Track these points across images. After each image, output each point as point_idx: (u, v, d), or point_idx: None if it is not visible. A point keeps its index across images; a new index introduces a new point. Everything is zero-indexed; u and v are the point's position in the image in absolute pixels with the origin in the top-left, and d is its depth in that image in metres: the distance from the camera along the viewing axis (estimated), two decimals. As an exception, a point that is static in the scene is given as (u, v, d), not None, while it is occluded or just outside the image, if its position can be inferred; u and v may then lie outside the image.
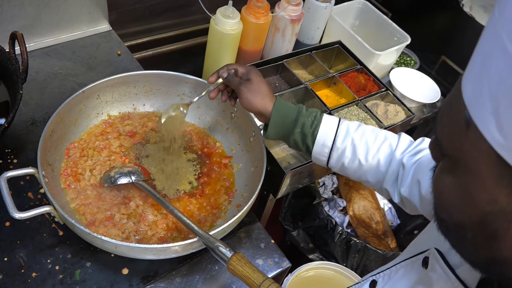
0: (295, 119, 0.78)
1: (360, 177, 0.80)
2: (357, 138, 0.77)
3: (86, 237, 0.72)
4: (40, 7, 1.03)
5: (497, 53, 0.30)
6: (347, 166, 0.78)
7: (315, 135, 0.78)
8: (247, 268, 0.65)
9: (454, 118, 0.34)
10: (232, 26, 1.05)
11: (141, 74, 0.95)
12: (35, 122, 0.97)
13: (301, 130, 0.78)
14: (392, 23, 1.34)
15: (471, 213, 0.34)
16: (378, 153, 0.76)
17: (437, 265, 0.48)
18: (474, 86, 0.32)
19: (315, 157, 0.80)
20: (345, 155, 0.78)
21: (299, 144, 0.80)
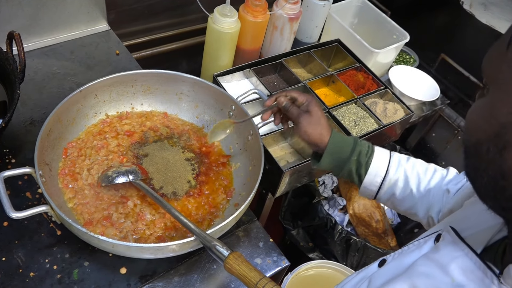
0: (353, 148, 0.80)
1: (410, 209, 0.81)
2: (409, 169, 0.80)
3: (83, 236, 0.72)
4: (38, 7, 1.03)
5: None
6: (398, 197, 0.80)
7: (369, 165, 0.79)
8: (243, 267, 0.65)
9: (499, 45, 0.40)
10: (230, 24, 1.05)
11: (138, 74, 0.95)
12: (33, 122, 0.97)
13: (357, 159, 0.79)
14: (391, 21, 1.33)
15: (489, 128, 0.39)
16: (430, 184, 0.78)
17: (447, 235, 0.51)
18: None
19: (365, 187, 0.81)
20: (397, 185, 0.79)
21: (352, 173, 0.80)
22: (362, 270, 0.61)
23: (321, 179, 1.47)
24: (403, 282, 0.50)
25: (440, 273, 0.47)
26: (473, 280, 0.45)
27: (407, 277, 0.50)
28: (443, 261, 0.48)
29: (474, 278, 0.45)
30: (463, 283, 0.45)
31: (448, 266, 0.47)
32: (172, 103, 1.00)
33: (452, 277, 0.46)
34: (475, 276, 0.45)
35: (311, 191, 1.33)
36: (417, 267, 0.50)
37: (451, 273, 0.46)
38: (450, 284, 0.46)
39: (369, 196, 0.83)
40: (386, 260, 0.58)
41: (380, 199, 0.83)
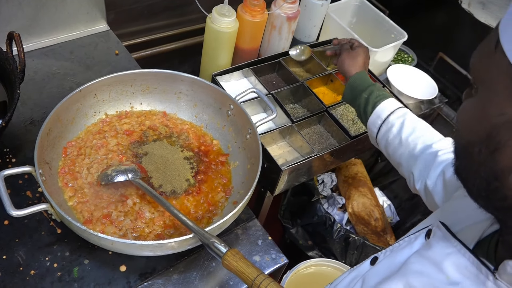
0: (367, 86, 0.91)
1: (396, 159, 0.87)
2: (408, 121, 0.85)
3: (83, 234, 0.73)
4: (38, 8, 1.04)
5: None
6: (389, 141, 0.87)
7: (375, 106, 0.89)
8: (241, 263, 0.66)
9: (486, 45, 0.40)
10: (228, 24, 1.05)
11: (137, 73, 0.96)
12: (33, 122, 0.98)
13: (367, 97, 0.90)
14: (389, 20, 1.34)
15: (480, 129, 0.39)
16: (419, 139, 0.83)
17: (438, 231, 0.51)
18: (508, 16, 0.38)
19: (369, 127, 0.91)
20: (391, 130, 0.86)
21: (361, 109, 0.92)
22: (354, 269, 0.61)
23: (320, 178, 1.47)
24: (398, 281, 0.49)
25: (435, 270, 0.47)
26: (468, 277, 0.45)
27: (401, 275, 0.50)
28: (437, 258, 0.48)
29: (469, 275, 0.45)
30: (458, 280, 0.45)
31: (442, 264, 0.47)
32: (171, 102, 1.01)
33: (447, 274, 0.46)
34: (469, 273, 0.45)
35: (310, 189, 1.33)
36: (410, 265, 0.50)
37: (445, 270, 0.46)
38: (445, 281, 0.46)
39: (372, 137, 0.92)
40: (378, 257, 0.58)
41: (379, 144, 0.90)
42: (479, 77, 0.41)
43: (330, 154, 1.05)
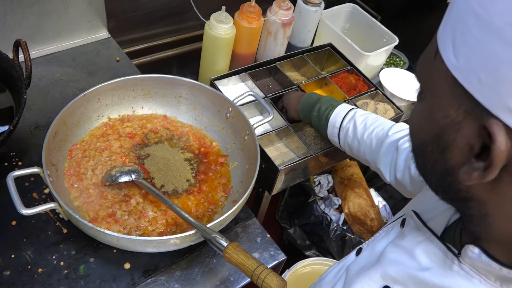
0: (313, 105, 0.99)
1: (362, 157, 0.91)
2: (359, 121, 0.91)
3: (90, 231, 0.76)
4: (42, 16, 1.08)
5: None
6: (351, 145, 0.92)
7: (328, 119, 0.95)
8: (242, 255, 0.69)
9: (428, 52, 0.42)
10: (225, 30, 1.09)
11: (139, 78, 0.99)
12: (38, 126, 1.01)
13: (317, 114, 0.97)
14: (380, 26, 1.38)
15: (430, 130, 0.42)
16: (372, 134, 0.88)
17: (411, 221, 0.54)
18: (443, 24, 0.40)
19: (330, 138, 0.97)
20: (348, 135, 0.92)
21: (318, 127, 0.99)
22: (341, 261, 0.65)
23: (316, 179, 1.51)
24: (376, 270, 0.53)
25: (408, 258, 0.50)
26: (436, 262, 0.47)
27: (379, 265, 0.53)
28: (409, 246, 0.51)
29: (437, 260, 0.47)
30: (428, 266, 0.48)
31: (414, 251, 0.50)
32: (171, 106, 1.04)
33: (418, 261, 0.49)
34: (438, 258, 0.48)
35: (307, 190, 1.37)
36: (387, 255, 0.53)
37: (417, 257, 0.49)
38: (417, 268, 0.49)
39: (337, 145, 0.98)
40: (362, 248, 0.62)
41: (344, 149, 0.96)
42: (424, 83, 0.43)
43: (325, 154, 1.09)
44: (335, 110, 0.95)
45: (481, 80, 0.35)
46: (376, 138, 0.87)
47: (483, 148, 0.38)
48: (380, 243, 0.58)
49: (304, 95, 1.05)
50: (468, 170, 0.38)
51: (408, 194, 0.84)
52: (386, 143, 0.85)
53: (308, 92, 1.04)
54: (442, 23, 0.41)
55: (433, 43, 0.42)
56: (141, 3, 1.23)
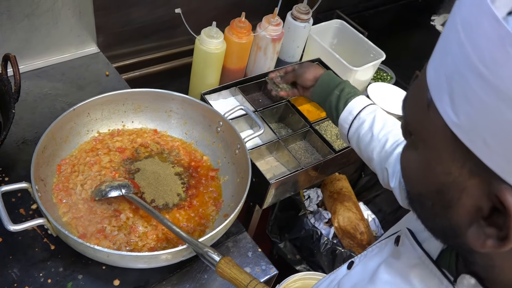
0: (338, 83, 0.93)
1: (368, 154, 0.87)
2: (379, 116, 0.87)
3: (79, 247, 0.74)
4: (31, 31, 1.07)
5: (453, 42, 0.34)
6: (361, 137, 0.87)
7: (347, 103, 0.90)
8: (234, 270, 0.68)
9: (419, 99, 0.38)
10: (216, 45, 1.10)
11: (129, 92, 0.99)
12: (26, 141, 1.00)
13: (339, 94, 0.91)
14: (368, 41, 1.41)
15: (429, 184, 0.38)
16: (389, 134, 0.84)
17: (406, 240, 0.52)
18: (435, 70, 0.36)
19: (340, 124, 0.91)
20: (363, 126, 0.87)
21: (332, 106, 0.92)
22: (332, 273, 0.63)
23: (306, 193, 1.51)
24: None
25: (402, 281, 0.48)
26: None
27: (372, 285, 0.51)
28: (404, 269, 0.49)
29: (431, 286, 0.46)
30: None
31: (408, 275, 0.48)
32: (161, 120, 1.04)
33: (413, 285, 0.47)
34: (432, 284, 0.46)
35: (297, 204, 1.37)
36: (380, 275, 0.51)
37: (412, 281, 0.47)
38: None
39: (343, 134, 0.92)
40: (354, 262, 0.60)
41: (351, 140, 0.91)
42: (418, 132, 0.39)
43: (315, 168, 1.10)
44: (356, 97, 0.90)
45: (488, 144, 0.31)
46: (393, 139, 0.83)
47: (492, 210, 0.34)
48: (373, 260, 0.56)
49: (324, 70, 1.00)
50: (478, 236, 0.35)
51: (404, 204, 0.82)
52: (400, 148, 0.81)
53: (329, 71, 0.99)
54: (432, 66, 0.37)
55: (421, 87, 0.38)
56: (131, 18, 1.23)
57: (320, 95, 0.96)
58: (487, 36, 0.30)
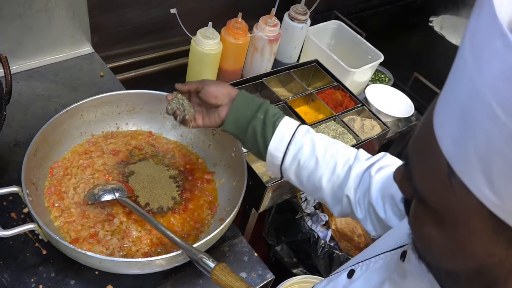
0: (260, 104, 0.76)
1: (315, 183, 0.74)
2: (317, 138, 0.74)
3: (71, 253, 0.73)
4: (24, 31, 1.06)
5: (480, 112, 0.28)
6: (302, 165, 0.73)
7: (276, 126, 0.73)
8: (230, 277, 0.67)
9: (433, 169, 0.32)
10: (212, 46, 1.09)
11: (123, 94, 0.97)
12: (18, 143, 0.98)
13: (263, 117, 0.74)
14: (366, 42, 1.40)
15: (465, 264, 0.33)
16: (337, 155, 0.72)
17: (413, 257, 0.46)
18: (455, 140, 0.30)
19: (271, 153, 0.75)
20: (302, 151, 0.73)
21: (257, 133, 0.74)
22: (331, 280, 0.60)
23: (303, 195, 1.50)
24: None
25: None
26: None
27: None
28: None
29: None
30: None
31: None
32: (156, 122, 1.02)
33: None
34: None
35: (294, 207, 1.35)
36: None
37: None
38: None
39: (274, 164, 0.76)
40: (355, 270, 0.57)
41: (285, 170, 0.75)
42: (441, 209, 0.33)
43: (313, 171, 1.08)
44: (284, 118, 0.75)
45: None
46: (342, 160, 0.72)
47: None
48: (377, 274, 0.52)
49: (237, 90, 0.79)
50: None
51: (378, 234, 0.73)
52: (357, 168, 0.71)
53: (242, 90, 0.79)
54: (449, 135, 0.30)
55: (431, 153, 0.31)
56: (126, 18, 1.22)
57: (238, 121, 0.76)
58: None
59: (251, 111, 0.75)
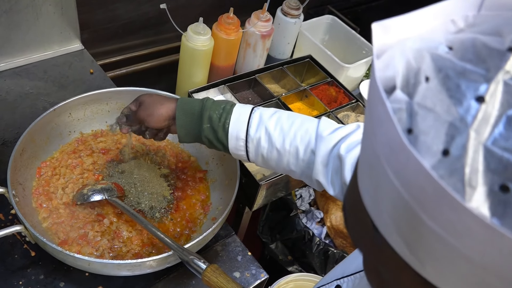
0: (201, 115, 0.72)
1: (284, 168, 0.72)
2: (271, 125, 0.70)
3: (58, 255, 0.71)
4: (11, 28, 1.03)
5: (380, 173, 0.26)
6: (266, 157, 0.72)
7: (227, 129, 0.71)
8: (221, 279, 0.65)
9: (360, 219, 0.31)
10: (203, 42, 1.07)
11: (113, 91, 0.96)
12: (5, 143, 0.96)
13: (210, 126, 0.71)
14: (360, 37, 1.38)
15: None
16: (296, 140, 0.69)
17: None
18: (371, 197, 0.29)
19: (233, 153, 0.73)
20: (261, 145, 0.71)
21: (213, 142, 0.73)
22: None
23: (298, 192, 1.48)
24: None
25: None
26: None
27: None
28: None
29: None
30: None
31: None
32: (147, 120, 1.00)
33: None
34: None
35: (288, 204, 1.34)
36: None
37: None
38: None
39: (244, 160, 0.76)
40: (341, 286, 0.54)
41: (256, 163, 0.74)
42: (373, 260, 0.32)
43: (307, 168, 1.07)
44: (232, 115, 0.71)
45: None
46: (304, 144, 0.68)
47: None
48: None
49: (173, 101, 0.75)
50: None
51: None
52: (321, 150, 0.67)
53: (179, 97, 0.75)
54: (369, 197, 0.29)
55: (358, 206, 0.30)
56: (116, 14, 1.19)
57: (189, 134, 0.74)
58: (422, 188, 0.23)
59: (197, 125, 0.73)
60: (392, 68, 0.27)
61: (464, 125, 0.23)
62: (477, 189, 0.22)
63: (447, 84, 0.25)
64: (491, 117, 0.23)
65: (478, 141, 0.23)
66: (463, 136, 0.23)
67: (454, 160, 0.23)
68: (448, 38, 0.27)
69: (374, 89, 0.26)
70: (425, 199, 0.23)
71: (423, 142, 0.24)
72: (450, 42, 0.26)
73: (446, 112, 0.24)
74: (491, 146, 0.23)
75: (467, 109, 0.23)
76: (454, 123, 0.24)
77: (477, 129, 0.23)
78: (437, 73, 0.25)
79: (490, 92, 0.23)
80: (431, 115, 0.24)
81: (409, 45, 0.27)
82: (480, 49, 0.25)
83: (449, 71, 0.25)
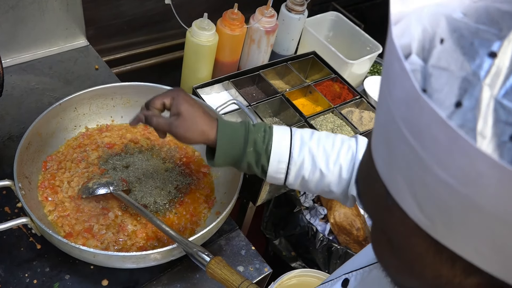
0: (245, 139, 0.70)
1: (323, 189, 0.72)
2: (314, 146, 0.70)
3: (64, 247, 0.72)
4: (16, 24, 1.04)
5: (396, 135, 0.27)
6: (308, 179, 0.71)
7: (269, 152, 0.70)
8: (225, 271, 0.66)
9: (373, 188, 0.32)
10: (207, 38, 1.07)
11: (118, 86, 0.96)
12: (11, 137, 0.97)
13: (253, 149, 0.70)
14: (364, 34, 1.38)
15: (420, 285, 0.33)
16: (339, 159, 0.70)
17: None
18: (385, 163, 0.30)
19: (271, 176, 0.72)
20: (304, 167, 0.70)
21: (252, 166, 0.71)
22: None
23: (302, 189, 1.49)
24: None
25: None
26: None
27: None
28: None
29: None
30: None
31: None
32: (152, 115, 1.01)
33: None
34: None
35: (292, 200, 1.34)
36: None
37: None
38: None
39: (278, 183, 0.73)
40: (349, 280, 0.54)
41: (291, 185, 0.74)
42: (388, 232, 0.32)
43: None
44: (273, 138, 0.70)
45: (482, 252, 0.26)
46: (346, 162, 0.69)
47: None
48: (373, 285, 0.49)
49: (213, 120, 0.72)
50: None
51: None
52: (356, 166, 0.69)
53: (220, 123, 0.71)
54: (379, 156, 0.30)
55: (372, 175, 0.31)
56: (121, 10, 1.20)
57: (227, 159, 0.71)
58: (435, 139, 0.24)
59: (239, 148, 0.70)
60: (408, 35, 0.28)
61: (476, 78, 0.24)
62: (487, 138, 0.23)
63: (461, 43, 0.26)
64: (502, 71, 0.24)
65: (490, 93, 0.24)
66: (476, 89, 0.24)
67: (466, 111, 0.24)
68: (464, 5, 0.28)
69: (391, 48, 0.26)
70: (437, 149, 0.24)
71: (437, 99, 0.25)
72: (465, 9, 0.28)
73: (459, 68, 0.25)
74: (502, 98, 0.24)
75: (480, 64, 0.24)
76: (467, 77, 0.24)
77: (489, 82, 0.24)
78: (451, 33, 0.26)
79: (503, 48, 0.24)
80: (445, 73, 0.25)
81: (425, 11, 0.28)
82: (493, 13, 0.26)
83: (463, 31, 0.26)
